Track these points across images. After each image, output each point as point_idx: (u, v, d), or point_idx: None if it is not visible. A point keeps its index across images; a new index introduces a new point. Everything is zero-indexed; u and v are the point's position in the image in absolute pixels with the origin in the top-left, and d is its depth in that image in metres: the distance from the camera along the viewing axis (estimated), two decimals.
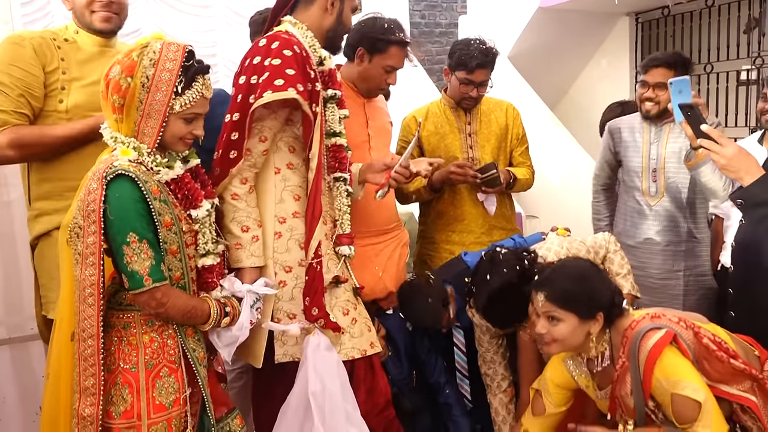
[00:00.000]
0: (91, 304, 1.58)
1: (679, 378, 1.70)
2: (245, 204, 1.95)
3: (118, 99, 1.62)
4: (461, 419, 2.52)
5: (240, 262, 1.94)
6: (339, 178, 2.13)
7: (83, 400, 1.59)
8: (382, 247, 2.60)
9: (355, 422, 1.95)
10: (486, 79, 2.84)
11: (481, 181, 2.77)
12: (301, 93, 1.90)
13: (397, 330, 2.49)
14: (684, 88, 2.11)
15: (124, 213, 1.57)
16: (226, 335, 1.81)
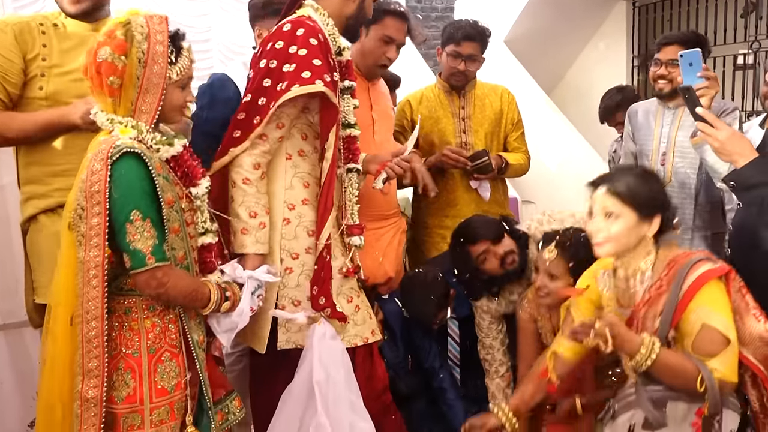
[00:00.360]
0: (95, 285, 1.57)
1: (717, 311, 1.67)
2: (255, 190, 1.94)
3: (116, 80, 1.60)
4: (456, 403, 2.53)
5: (244, 247, 1.93)
6: (352, 169, 2.12)
7: (86, 382, 1.58)
8: (383, 232, 2.59)
9: (359, 412, 1.95)
10: (474, 54, 2.83)
11: (472, 168, 2.77)
12: (327, 84, 1.88)
13: (393, 315, 2.49)
14: (694, 61, 2.11)
15: (128, 191, 1.55)
16: (226, 321, 1.80)
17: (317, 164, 2.02)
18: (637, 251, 1.80)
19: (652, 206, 1.76)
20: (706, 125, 1.83)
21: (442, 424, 2.58)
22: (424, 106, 2.98)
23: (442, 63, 2.94)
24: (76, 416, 1.59)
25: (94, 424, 1.57)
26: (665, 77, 2.75)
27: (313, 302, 1.95)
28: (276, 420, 1.97)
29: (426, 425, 2.57)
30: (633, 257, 1.81)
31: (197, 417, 1.76)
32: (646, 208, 1.76)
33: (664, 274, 1.76)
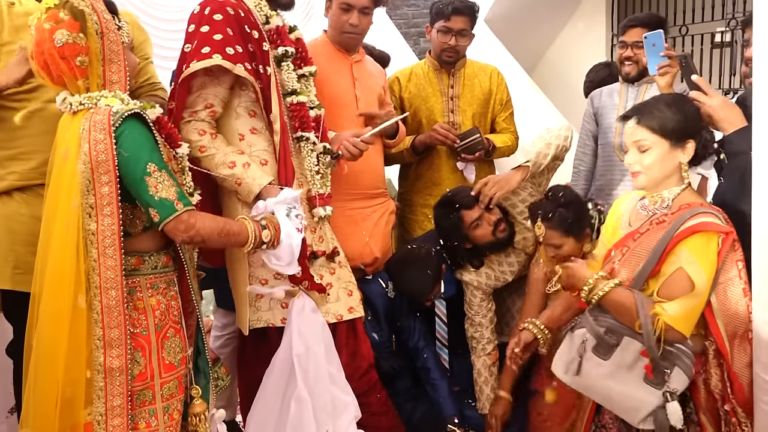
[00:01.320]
0: (111, 255, 1.56)
1: (697, 260, 1.68)
2: (215, 148, 1.94)
3: (84, 58, 1.59)
4: (440, 382, 2.55)
5: (251, 192, 1.92)
6: (302, 138, 2.08)
7: (109, 353, 1.58)
8: (369, 212, 2.58)
9: (339, 384, 1.96)
10: (464, 29, 2.82)
11: (460, 147, 2.75)
12: (232, 56, 1.87)
13: (376, 295, 2.49)
14: (657, 41, 2.19)
15: (139, 146, 1.57)
16: (283, 251, 1.80)
17: (272, 140, 2.01)
18: (671, 179, 1.82)
19: (684, 132, 1.77)
20: (700, 93, 1.84)
21: (426, 404, 2.60)
22: (412, 83, 2.96)
23: (432, 40, 2.92)
24: (100, 389, 1.58)
25: (120, 393, 1.59)
26: (631, 59, 2.86)
27: (290, 276, 1.94)
28: (260, 394, 1.99)
29: (410, 404, 2.59)
30: (666, 184, 1.82)
31: (195, 380, 1.80)
32: (677, 135, 1.77)
33: (672, 212, 1.78)
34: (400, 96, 2.98)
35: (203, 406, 1.77)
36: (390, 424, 2.30)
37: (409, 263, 2.47)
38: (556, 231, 2.22)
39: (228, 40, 1.88)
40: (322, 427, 1.91)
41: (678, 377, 1.72)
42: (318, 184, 2.10)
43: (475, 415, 2.59)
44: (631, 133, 1.81)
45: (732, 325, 1.73)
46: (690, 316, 1.70)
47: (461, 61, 2.96)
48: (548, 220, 2.21)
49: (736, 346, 1.75)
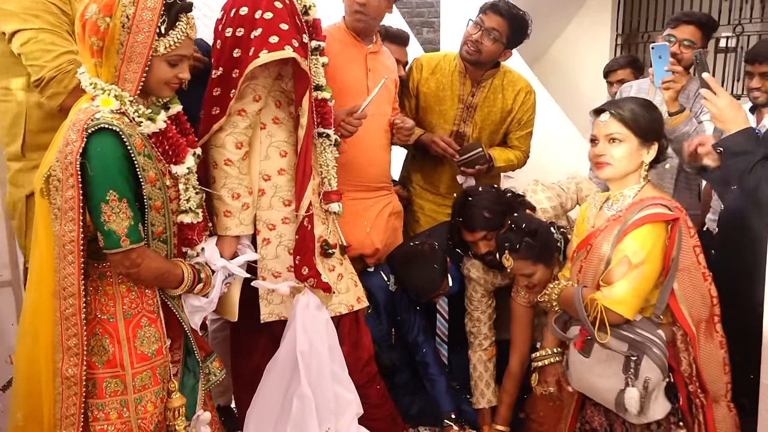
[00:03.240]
0: (71, 261, 1.52)
1: (640, 247, 1.75)
2: (237, 171, 1.89)
3: (97, 41, 1.52)
4: (438, 378, 2.55)
5: (228, 230, 1.89)
6: (322, 134, 2.07)
7: (66, 360, 1.56)
8: (371, 203, 2.56)
9: (342, 382, 1.96)
10: (496, 29, 2.64)
11: (460, 162, 2.69)
12: (297, 49, 1.82)
13: (377, 288, 2.48)
14: (663, 54, 2.24)
15: (105, 170, 1.49)
16: (195, 303, 1.77)
17: (293, 131, 1.97)
18: (632, 177, 1.89)
19: (653, 133, 1.86)
20: (709, 91, 1.88)
21: (424, 398, 2.61)
22: (434, 78, 2.83)
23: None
24: (57, 394, 1.56)
25: (74, 403, 1.56)
26: (676, 56, 2.61)
27: (296, 272, 1.93)
28: (260, 390, 1.97)
29: (407, 399, 2.59)
30: (627, 182, 1.89)
31: (183, 379, 1.76)
32: (647, 133, 1.85)
33: (627, 207, 1.84)
34: (417, 85, 2.85)
35: (181, 401, 1.72)
36: (388, 414, 2.30)
37: (415, 259, 2.45)
38: (526, 261, 2.19)
39: (292, 30, 1.83)
40: (325, 425, 1.91)
41: (648, 366, 1.75)
42: (333, 179, 2.08)
43: (471, 410, 2.61)
44: (604, 126, 1.87)
45: (696, 310, 1.81)
46: (629, 298, 1.75)
47: (492, 70, 2.80)
48: (516, 251, 2.17)
49: (702, 331, 1.81)
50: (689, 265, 1.79)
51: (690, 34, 2.66)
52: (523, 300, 2.44)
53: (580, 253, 1.93)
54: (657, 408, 1.78)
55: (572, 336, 1.89)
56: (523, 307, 2.45)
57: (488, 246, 2.43)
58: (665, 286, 1.78)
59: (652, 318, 1.81)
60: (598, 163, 1.88)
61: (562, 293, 1.94)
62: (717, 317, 1.82)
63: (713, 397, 1.81)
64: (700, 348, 1.80)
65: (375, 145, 2.55)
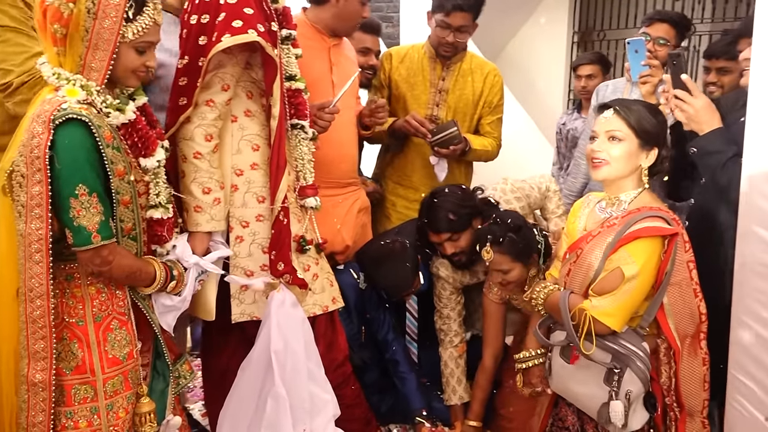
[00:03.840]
0: (38, 261, 1.44)
1: (635, 260, 1.71)
2: (208, 164, 1.82)
3: (60, 28, 1.44)
4: (408, 375, 2.53)
5: (199, 226, 1.82)
6: (296, 125, 2.01)
7: (33, 365, 1.47)
8: (340, 200, 2.52)
9: (318, 381, 1.91)
10: (464, 25, 2.69)
11: (435, 141, 2.66)
12: (262, 34, 1.76)
13: (348, 286, 2.44)
14: (640, 48, 2.24)
15: (74, 163, 1.41)
16: (167, 303, 1.70)
17: (266, 124, 1.91)
18: (627, 181, 1.83)
19: (653, 137, 1.80)
20: (686, 93, 1.88)
21: (394, 396, 2.59)
22: (404, 65, 2.87)
23: (431, 28, 2.80)
24: (23, 402, 1.48)
25: (43, 410, 1.48)
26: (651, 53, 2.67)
27: (271, 268, 1.87)
28: (234, 390, 1.91)
29: (377, 397, 2.56)
30: (622, 186, 1.84)
31: (152, 383, 1.70)
32: (649, 136, 1.80)
33: (623, 215, 1.79)
34: (389, 75, 2.88)
35: (150, 406, 1.66)
36: (363, 415, 2.27)
37: (386, 258, 2.42)
38: (506, 256, 2.18)
39: (257, 15, 1.77)
40: (299, 425, 1.85)
41: (630, 378, 1.74)
42: (308, 173, 2.03)
43: (442, 407, 2.59)
44: (606, 122, 1.82)
45: (683, 324, 1.79)
46: (618, 311, 1.72)
47: (459, 54, 2.86)
48: (498, 244, 2.16)
49: (687, 346, 1.80)
50: (681, 280, 1.76)
51: (664, 32, 2.71)
52: (495, 296, 2.44)
53: (570, 255, 1.88)
54: (635, 418, 1.76)
55: (555, 342, 1.87)
56: (495, 303, 2.45)
57: (454, 247, 2.42)
58: (655, 299, 1.76)
59: (638, 329, 1.78)
60: (594, 161, 1.82)
61: (549, 297, 1.89)
62: (703, 334, 1.79)
63: (689, 411, 1.80)
64: (683, 363, 1.78)
65: (344, 141, 2.51)
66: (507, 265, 2.19)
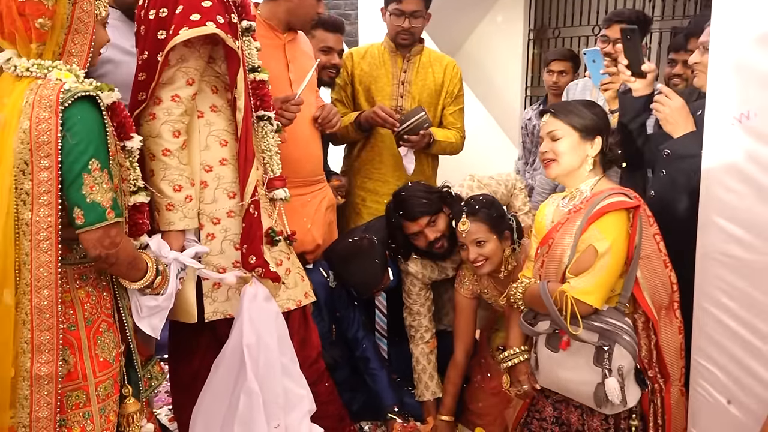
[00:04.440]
0: (46, 249, 1.40)
1: (605, 236, 1.78)
2: (177, 161, 1.78)
3: (47, 21, 1.41)
4: (379, 372, 2.54)
5: (172, 224, 1.78)
6: (263, 117, 1.99)
7: (37, 358, 1.42)
8: (309, 198, 2.51)
9: (293, 376, 1.89)
10: (417, 10, 2.78)
11: (404, 129, 2.68)
12: (221, 26, 1.74)
13: (317, 284, 2.43)
14: (597, 58, 2.32)
15: (88, 136, 1.40)
16: (151, 304, 1.65)
17: (233, 119, 1.89)
18: (580, 172, 1.92)
19: (592, 128, 1.91)
20: (662, 95, 1.97)
21: (365, 394, 2.59)
22: (366, 61, 2.92)
23: (386, 23, 2.87)
24: (24, 398, 1.43)
25: (48, 404, 1.44)
26: (611, 55, 2.79)
27: (243, 261, 1.84)
28: (207, 387, 1.88)
29: (348, 395, 2.56)
30: (577, 177, 1.93)
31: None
32: (587, 128, 1.90)
33: (586, 199, 1.88)
34: (351, 72, 2.93)
35: (136, 407, 1.65)
36: (337, 412, 2.27)
37: (354, 255, 2.42)
38: (482, 225, 2.24)
39: (216, 7, 1.74)
40: (273, 420, 1.83)
41: (620, 353, 1.78)
42: (276, 165, 2.01)
43: (414, 403, 2.60)
44: (546, 125, 1.95)
45: (657, 296, 1.86)
46: (597, 288, 1.78)
47: (418, 47, 2.93)
48: (474, 214, 2.24)
49: (663, 317, 1.87)
50: (651, 253, 1.84)
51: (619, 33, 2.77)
52: (466, 291, 2.46)
53: (542, 248, 1.94)
54: (630, 395, 1.80)
55: (541, 330, 1.89)
56: (466, 298, 2.48)
57: (435, 232, 2.43)
58: (629, 274, 1.82)
59: (618, 307, 1.83)
60: (544, 162, 1.94)
61: (527, 291, 1.94)
62: (676, 303, 1.87)
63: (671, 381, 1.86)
64: (662, 333, 1.85)
65: (308, 138, 2.50)
66: (483, 234, 2.25)
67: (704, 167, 1.79)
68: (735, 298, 1.74)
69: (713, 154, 1.76)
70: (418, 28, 2.83)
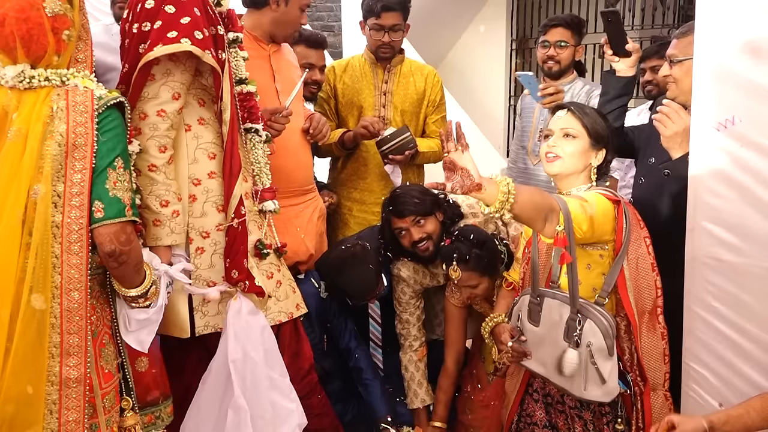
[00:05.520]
0: (76, 252, 1.43)
1: (590, 201, 1.75)
2: (164, 176, 1.77)
3: (70, 33, 1.47)
4: (372, 382, 2.53)
5: (159, 240, 1.77)
6: (250, 129, 1.99)
7: (66, 361, 1.43)
8: (301, 208, 2.51)
9: (282, 390, 1.87)
10: (397, 24, 2.81)
11: (389, 148, 2.69)
12: (200, 42, 1.74)
13: (309, 295, 2.40)
14: (531, 81, 2.42)
15: (115, 137, 1.48)
16: (140, 318, 1.63)
17: (221, 132, 1.88)
18: (579, 177, 1.91)
19: (603, 139, 1.90)
20: (673, 110, 1.96)
21: (357, 405, 2.58)
22: (348, 74, 2.94)
23: (366, 36, 2.89)
24: (53, 403, 1.43)
25: (77, 407, 1.45)
26: (553, 58, 2.93)
27: (226, 275, 1.84)
28: (195, 402, 1.86)
29: (340, 406, 2.54)
30: (573, 181, 1.91)
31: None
32: (599, 138, 1.89)
33: None
34: (334, 85, 2.95)
35: (134, 419, 1.65)
36: (330, 424, 2.26)
37: (348, 262, 2.40)
38: (474, 272, 2.24)
39: (197, 22, 1.74)
40: None
41: (590, 329, 1.74)
42: (265, 177, 2.01)
43: (407, 412, 2.60)
44: (560, 120, 1.91)
45: (641, 299, 1.85)
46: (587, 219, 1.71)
47: (398, 57, 2.95)
48: (465, 262, 2.22)
49: (645, 323, 1.86)
50: (639, 255, 1.84)
51: (560, 35, 2.90)
52: (456, 301, 2.47)
53: (530, 250, 1.93)
54: (609, 377, 1.74)
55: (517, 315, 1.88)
56: (456, 307, 2.49)
57: (420, 232, 2.43)
58: (613, 267, 1.81)
59: (597, 300, 1.81)
60: (548, 156, 1.89)
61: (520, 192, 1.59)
62: (660, 309, 1.87)
63: (652, 385, 1.86)
64: (642, 338, 1.84)
65: (298, 148, 2.50)
66: (475, 280, 2.26)
67: (691, 172, 1.81)
68: (724, 301, 1.77)
69: (700, 159, 1.79)
70: (397, 41, 2.85)
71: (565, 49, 2.91)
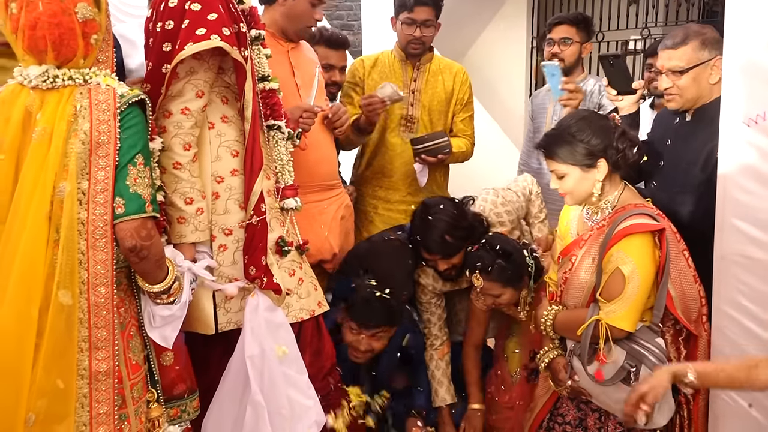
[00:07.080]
0: (102, 247, 1.46)
1: (632, 258, 1.76)
2: (188, 174, 1.78)
3: (99, 36, 1.51)
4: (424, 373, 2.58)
5: (184, 237, 1.78)
6: (273, 126, 1.99)
7: (95, 355, 1.47)
8: (326, 205, 2.50)
9: (299, 386, 1.87)
10: (429, 19, 2.78)
11: (423, 149, 2.68)
12: (228, 38, 1.75)
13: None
14: (555, 72, 2.35)
15: (136, 134, 1.51)
16: (164, 314, 1.64)
17: (244, 129, 1.88)
18: (596, 194, 1.88)
19: (590, 154, 1.84)
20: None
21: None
22: (376, 70, 2.91)
23: (397, 32, 2.87)
24: (84, 396, 1.46)
25: (107, 399, 1.49)
26: (558, 55, 2.92)
27: (244, 272, 1.84)
28: (216, 398, 1.88)
29: None
30: (594, 199, 1.89)
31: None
32: (585, 158, 1.84)
33: (609, 216, 1.86)
34: (363, 79, 2.92)
35: (159, 411, 1.68)
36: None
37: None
38: (496, 283, 2.22)
39: (223, 19, 1.74)
40: None
41: (645, 372, 1.75)
42: (287, 174, 2.01)
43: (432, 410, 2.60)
44: (548, 166, 1.92)
45: (688, 311, 1.85)
46: (629, 313, 1.77)
47: (428, 55, 2.93)
48: (487, 272, 2.20)
49: (693, 330, 1.87)
50: (681, 270, 1.83)
51: (564, 33, 2.89)
52: (481, 305, 2.45)
53: (564, 260, 1.93)
54: (661, 416, 1.75)
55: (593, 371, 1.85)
56: (482, 308, 2.47)
57: (446, 264, 2.42)
58: (660, 293, 1.80)
59: (652, 326, 1.82)
60: (560, 193, 1.93)
61: (557, 319, 1.94)
62: (705, 316, 1.88)
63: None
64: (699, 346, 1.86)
65: (321, 141, 2.49)
66: (497, 290, 2.24)
67: (720, 169, 1.79)
68: (754, 299, 1.74)
69: (729, 156, 1.76)
70: (429, 37, 2.83)
71: (570, 46, 2.90)
